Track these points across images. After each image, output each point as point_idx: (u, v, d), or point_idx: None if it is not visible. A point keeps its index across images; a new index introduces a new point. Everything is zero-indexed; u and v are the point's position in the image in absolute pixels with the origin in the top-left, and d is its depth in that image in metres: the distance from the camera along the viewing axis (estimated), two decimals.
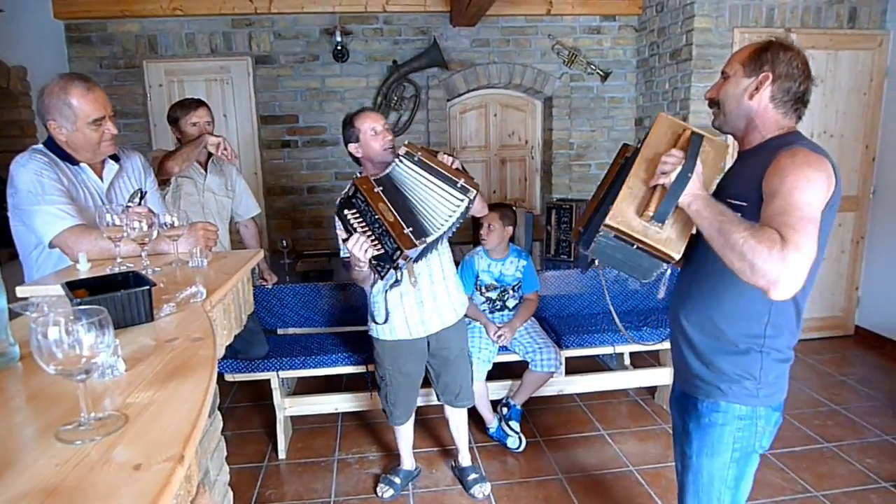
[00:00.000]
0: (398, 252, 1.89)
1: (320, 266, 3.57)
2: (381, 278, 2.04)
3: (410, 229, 1.91)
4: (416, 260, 2.12)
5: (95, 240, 1.77)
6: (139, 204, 2.01)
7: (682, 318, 1.60)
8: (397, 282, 2.13)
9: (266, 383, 3.06)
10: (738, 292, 1.43)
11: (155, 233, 1.66)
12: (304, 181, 4.66)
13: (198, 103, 2.88)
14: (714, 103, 1.55)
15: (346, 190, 2.04)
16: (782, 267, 1.18)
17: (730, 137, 1.59)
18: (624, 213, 1.40)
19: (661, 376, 3.38)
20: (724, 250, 1.26)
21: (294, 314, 3.32)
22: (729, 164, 1.61)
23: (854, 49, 4.13)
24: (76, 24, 4.26)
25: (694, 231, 1.41)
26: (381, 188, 1.98)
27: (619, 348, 3.38)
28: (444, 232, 2.03)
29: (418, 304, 2.39)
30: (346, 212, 2.02)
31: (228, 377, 3.01)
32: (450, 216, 2.00)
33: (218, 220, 2.91)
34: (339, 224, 2.10)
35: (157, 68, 4.41)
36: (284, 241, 4.00)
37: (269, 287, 3.24)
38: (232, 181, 3.08)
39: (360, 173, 2.30)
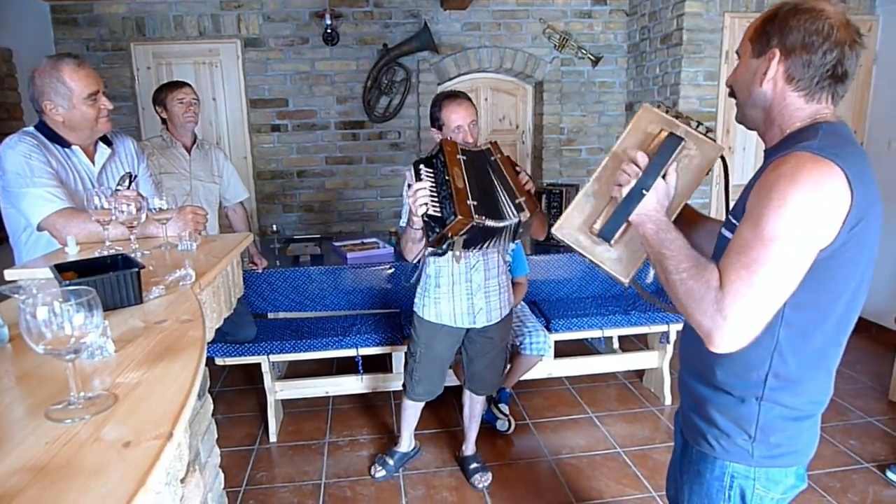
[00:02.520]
0: (453, 217, 1.79)
1: (310, 251, 3.56)
2: (429, 242, 1.92)
3: (475, 203, 1.85)
4: (466, 245, 1.99)
5: (84, 223, 1.77)
6: (128, 187, 2.00)
7: (682, 353, 1.37)
8: (439, 252, 1.99)
9: (257, 367, 3.07)
10: None
11: (144, 216, 1.65)
12: (293, 165, 4.64)
13: (182, 83, 2.93)
14: (732, 92, 1.25)
15: (431, 149, 2.02)
16: (717, 318, 1.00)
17: (751, 133, 1.32)
18: (571, 224, 1.27)
19: (649, 359, 3.43)
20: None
21: (284, 298, 3.33)
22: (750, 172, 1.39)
23: None
24: (62, 6, 4.19)
25: None
26: (464, 157, 1.95)
27: (608, 332, 3.41)
28: (498, 230, 1.93)
29: (468, 295, 2.37)
30: (422, 167, 1.94)
31: (219, 361, 3.01)
32: (505, 220, 1.93)
33: (206, 206, 2.90)
34: (410, 177, 1.95)
35: (144, 50, 4.36)
36: (274, 226, 3.99)
37: (260, 272, 3.24)
38: (219, 166, 3.07)
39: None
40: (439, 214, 1.84)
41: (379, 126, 4.67)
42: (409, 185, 1.92)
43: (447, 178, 1.86)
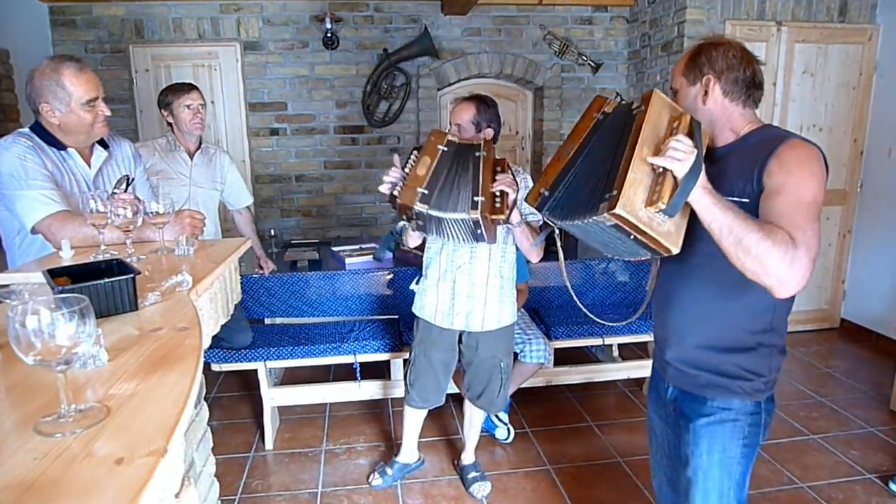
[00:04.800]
0: (395, 199, 1.95)
1: (308, 255, 3.54)
2: (398, 216, 2.09)
3: (424, 191, 1.92)
4: (419, 228, 2.11)
5: (79, 226, 1.74)
6: (125, 191, 1.97)
7: (676, 324, 1.55)
8: (398, 231, 2.16)
9: (253, 373, 3.04)
10: (743, 290, 1.38)
11: (140, 220, 1.62)
12: (292, 169, 4.62)
13: (190, 86, 2.84)
14: None
15: None
16: (794, 268, 1.19)
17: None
18: (632, 202, 1.25)
19: (650, 368, 3.39)
20: (735, 249, 1.23)
21: (281, 303, 3.29)
22: None
23: (844, 43, 4.14)
24: (61, 7, 4.17)
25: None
26: (444, 149, 2.01)
27: (608, 340, 3.39)
28: (444, 219, 1.96)
29: (451, 294, 2.36)
30: (415, 152, 2.05)
31: (215, 367, 2.98)
32: (455, 212, 1.93)
33: (206, 213, 2.85)
34: (396, 160, 2.09)
35: (143, 53, 4.33)
36: (272, 230, 3.96)
37: (267, 276, 3.21)
38: (223, 172, 3.03)
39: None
40: (396, 196, 1.98)
41: (378, 131, 4.65)
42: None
43: (417, 163, 1.98)
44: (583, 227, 1.36)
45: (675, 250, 1.30)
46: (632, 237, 1.29)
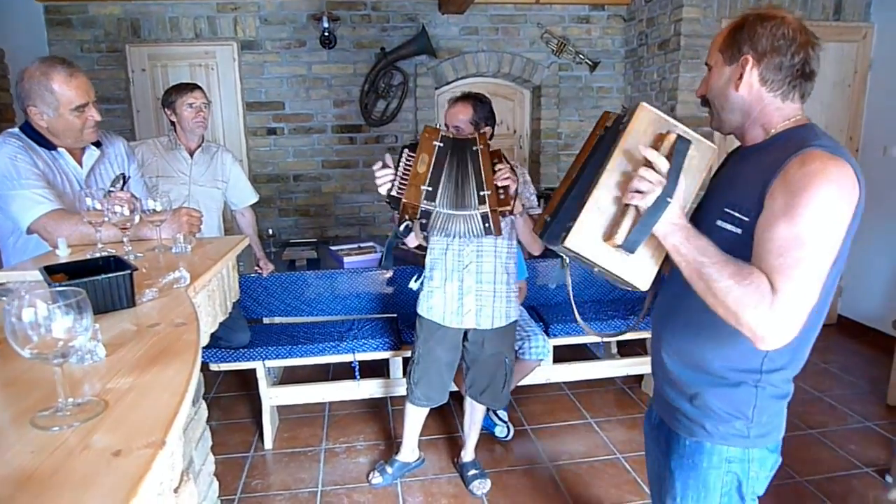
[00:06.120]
0: (399, 201, 1.89)
1: (307, 255, 3.53)
2: (397, 221, 2.01)
3: (428, 189, 1.88)
4: (423, 228, 2.01)
5: (75, 225, 1.73)
6: (121, 189, 1.97)
7: (662, 342, 1.38)
8: (399, 233, 2.06)
9: (252, 373, 3.03)
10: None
11: (137, 218, 1.62)
12: (290, 169, 4.61)
13: (194, 86, 2.87)
14: (706, 101, 1.32)
15: None
16: (772, 322, 1.03)
17: (717, 135, 1.37)
18: (586, 235, 1.17)
19: (648, 365, 3.39)
20: (706, 296, 1.09)
21: (280, 303, 3.29)
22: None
23: (839, 41, 4.15)
24: (56, 6, 4.16)
25: None
26: (440, 144, 1.97)
27: (607, 337, 3.38)
28: (453, 217, 1.94)
29: (459, 294, 2.35)
30: (406, 151, 1.99)
31: (214, 367, 2.98)
32: (462, 209, 1.93)
33: (206, 212, 2.85)
34: (387, 158, 2.00)
35: (139, 52, 4.32)
36: (270, 230, 3.96)
37: (266, 276, 3.20)
38: (225, 171, 3.03)
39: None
40: (398, 196, 1.92)
41: (376, 130, 4.65)
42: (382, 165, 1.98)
43: (414, 162, 1.93)
44: (567, 254, 1.29)
45: (643, 287, 1.20)
46: (595, 269, 1.21)
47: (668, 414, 1.39)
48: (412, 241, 2.36)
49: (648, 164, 1.16)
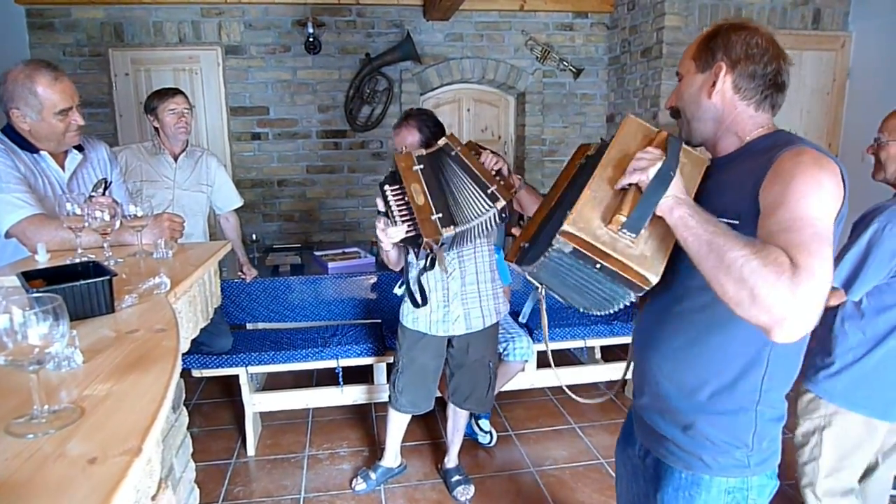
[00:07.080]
0: (421, 240, 1.79)
1: (291, 260, 3.52)
2: (417, 258, 1.91)
3: (439, 216, 1.80)
4: (450, 249, 1.96)
5: (55, 230, 1.72)
6: (103, 193, 1.95)
7: (649, 367, 1.29)
8: (426, 268, 1.95)
9: (235, 379, 3.01)
10: (727, 336, 1.15)
11: (118, 223, 1.61)
12: (274, 174, 4.60)
13: (175, 91, 2.85)
14: (676, 112, 1.28)
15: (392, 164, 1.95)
16: (793, 300, 0.89)
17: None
18: (586, 219, 1.07)
19: (632, 370, 3.42)
20: (716, 272, 0.96)
21: (263, 309, 3.27)
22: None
23: (818, 50, 4.23)
24: (38, 10, 4.12)
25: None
26: (420, 167, 1.87)
27: (591, 342, 3.41)
28: (474, 227, 1.87)
29: (444, 303, 2.35)
30: (386, 188, 1.88)
31: (196, 373, 2.95)
32: (478, 215, 1.85)
33: (191, 216, 2.82)
34: (381, 205, 1.91)
35: (122, 57, 4.29)
36: (254, 235, 3.94)
37: (248, 281, 3.18)
38: (210, 174, 3.01)
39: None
40: (413, 233, 1.83)
41: (361, 135, 4.65)
42: (379, 213, 1.90)
43: (407, 196, 1.84)
44: (552, 268, 1.16)
45: (654, 279, 1.07)
46: (598, 266, 1.08)
47: (657, 444, 1.30)
48: (394, 263, 2.25)
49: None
